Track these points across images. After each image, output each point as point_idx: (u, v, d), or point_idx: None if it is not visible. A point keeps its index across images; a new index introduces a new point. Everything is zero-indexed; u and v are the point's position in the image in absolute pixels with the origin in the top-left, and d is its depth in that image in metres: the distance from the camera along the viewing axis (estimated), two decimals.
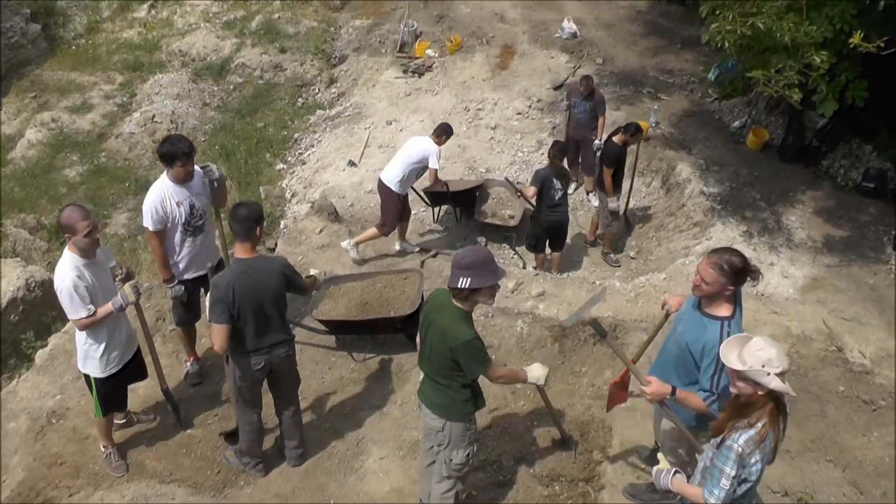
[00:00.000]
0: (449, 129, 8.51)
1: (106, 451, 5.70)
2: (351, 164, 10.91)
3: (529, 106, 12.30)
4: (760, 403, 3.48)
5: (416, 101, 12.47)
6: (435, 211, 9.77)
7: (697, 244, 9.00)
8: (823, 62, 7.08)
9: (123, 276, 5.25)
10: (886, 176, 10.15)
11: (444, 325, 4.29)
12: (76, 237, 4.87)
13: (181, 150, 5.70)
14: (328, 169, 10.96)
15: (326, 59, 14.92)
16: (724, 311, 4.16)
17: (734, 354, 3.52)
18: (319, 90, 14.15)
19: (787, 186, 10.22)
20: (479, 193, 9.64)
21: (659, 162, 10.92)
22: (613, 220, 9.43)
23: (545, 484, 5.63)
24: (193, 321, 6.43)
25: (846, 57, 7.94)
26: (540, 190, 8.36)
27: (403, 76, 13.25)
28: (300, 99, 13.96)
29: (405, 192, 8.49)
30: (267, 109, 13.58)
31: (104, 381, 5.33)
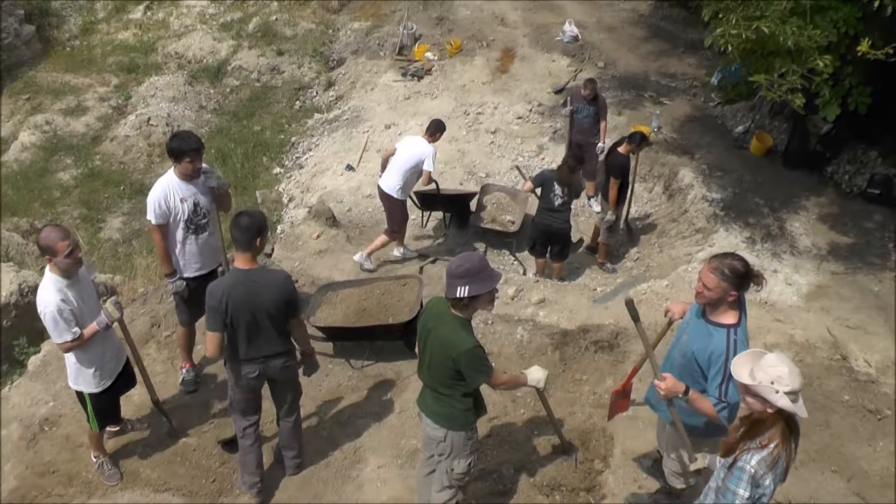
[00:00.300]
0: (442, 125, 8.51)
1: (98, 460, 5.69)
2: (349, 168, 10.93)
3: (530, 110, 12.32)
4: (771, 422, 3.46)
5: (415, 104, 12.49)
6: (424, 215, 9.77)
7: (700, 251, 9.01)
8: (827, 66, 7.10)
9: (106, 293, 5.16)
10: (892, 182, 10.15)
11: (444, 334, 4.29)
12: (57, 258, 4.75)
13: (190, 146, 5.71)
14: (326, 173, 10.98)
15: (324, 61, 14.96)
16: (729, 318, 4.16)
17: (746, 369, 3.51)
18: (317, 93, 14.19)
19: (790, 192, 10.24)
20: (481, 200, 9.66)
21: (661, 167, 10.93)
22: (612, 234, 9.45)
23: (546, 493, 5.62)
24: (195, 320, 6.42)
25: (850, 61, 7.96)
26: (541, 190, 8.39)
27: (402, 79, 13.28)
28: (298, 102, 14.00)
29: (407, 196, 8.51)
30: (264, 112, 13.61)
31: (98, 396, 5.30)
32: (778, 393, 3.38)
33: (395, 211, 8.41)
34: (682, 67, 13.69)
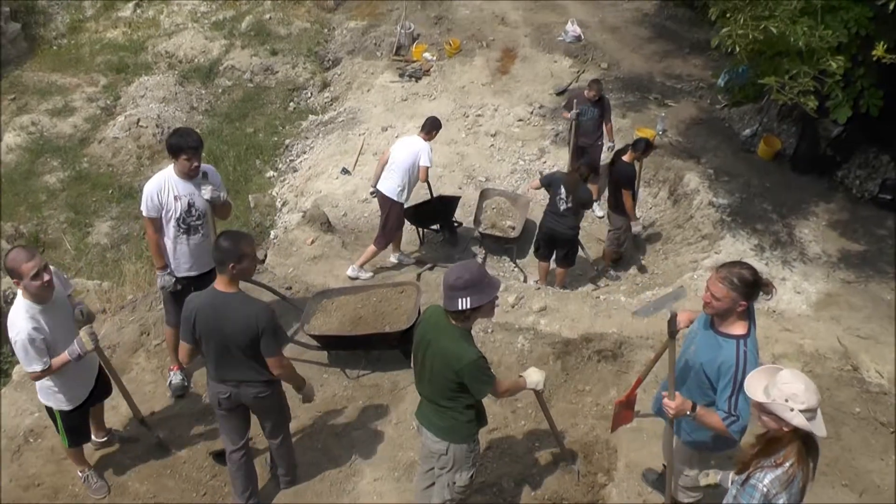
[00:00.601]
0: (437, 123, 8.53)
1: (83, 474, 5.66)
2: (344, 171, 10.93)
3: (531, 112, 12.34)
4: (787, 440, 3.45)
5: (412, 106, 12.50)
6: (420, 232, 9.76)
7: (706, 258, 9.02)
8: (839, 68, 7.11)
9: (82, 319, 4.99)
10: None
11: (445, 346, 4.27)
12: (24, 281, 4.64)
13: (188, 143, 5.70)
14: (321, 177, 10.98)
15: (319, 61, 14.98)
16: (739, 329, 4.15)
17: (760, 386, 3.50)
18: (312, 94, 14.20)
19: (799, 198, 10.25)
20: (480, 205, 9.68)
21: (666, 171, 10.95)
22: (620, 245, 9.47)
23: None
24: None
25: (862, 62, 7.98)
26: (550, 192, 8.46)
27: (400, 80, 13.30)
28: (292, 103, 14.01)
29: (408, 199, 8.51)
30: (257, 114, 13.62)
31: (70, 413, 5.24)
32: (793, 411, 3.37)
33: (391, 216, 8.40)
34: (687, 68, 13.73)
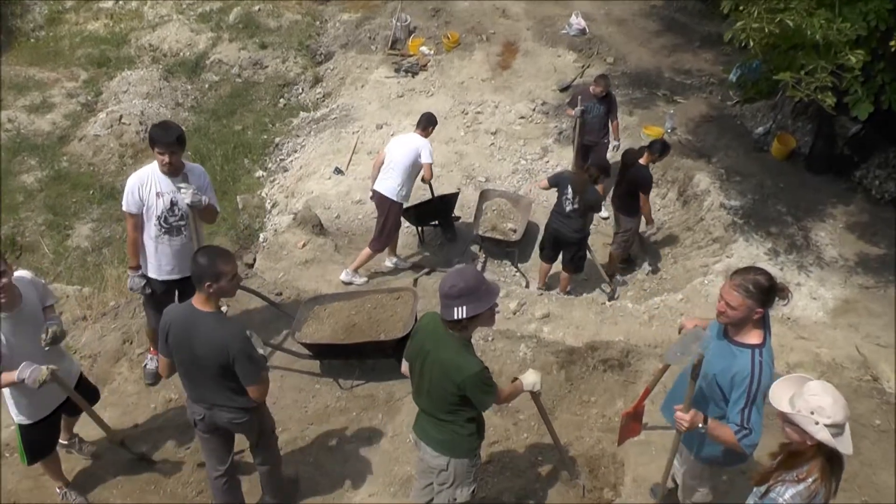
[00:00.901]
0: (433, 118, 8.57)
1: (61, 491, 5.64)
2: (337, 171, 10.93)
3: (534, 109, 12.36)
4: (809, 454, 3.45)
5: (409, 103, 12.51)
6: (420, 231, 9.78)
7: (717, 262, 9.02)
8: (858, 62, 7.11)
9: (47, 339, 4.83)
10: None
11: (445, 358, 4.25)
12: None
13: (162, 138, 5.68)
14: (312, 177, 10.98)
15: (311, 56, 14.97)
16: (754, 337, 4.14)
17: (786, 396, 3.49)
18: (303, 90, 14.20)
19: (815, 199, 10.26)
20: (480, 207, 9.70)
21: (675, 172, 10.95)
22: (626, 248, 9.47)
23: None
24: None
25: (882, 56, 7.98)
26: (557, 191, 8.45)
27: (395, 76, 13.31)
28: (282, 99, 14.00)
29: (407, 199, 8.51)
30: (245, 111, 13.61)
31: (29, 428, 5.13)
32: (818, 425, 3.36)
33: (390, 217, 8.40)
34: (697, 63, 13.74)
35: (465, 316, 4.08)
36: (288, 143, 12.45)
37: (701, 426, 4.15)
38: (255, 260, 8.82)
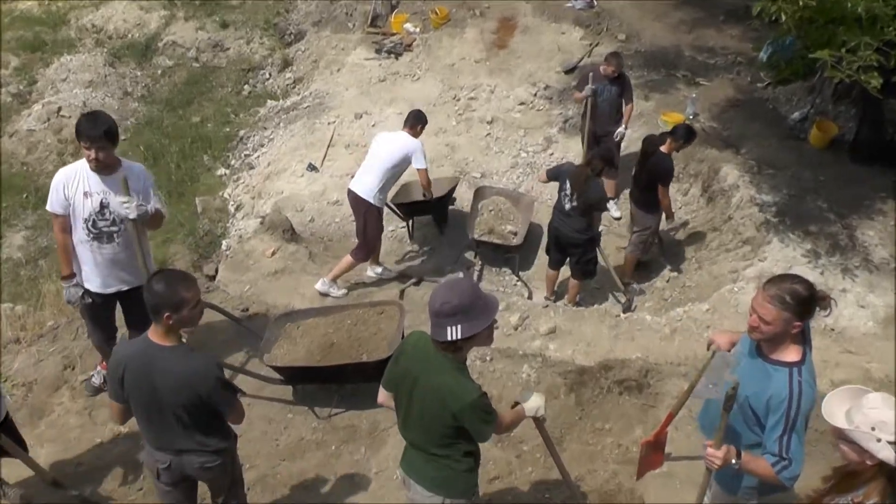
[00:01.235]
0: (422, 116, 8.61)
1: None
2: (311, 168, 10.93)
3: (535, 94, 12.38)
4: (868, 475, 3.42)
5: (392, 88, 12.53)
6: (410, 225, 9.78)
7: (749, 266, 9.02)
8: None
9: None
10: None
11: (439, 384, 4.18)
12: None
13: (88, 130, 5.61)
14: (282, 175, 10.97)
15: (279, 35, 14.98)
16: (792, 354, 4.10)
17: (842, 410, 3.47)
18: (271, 75, 14.22)
19: (860, 193, 10.26)
20: (476, 207, 9.72)
21: (698, 164, 10.97)
22: (644, 249, 9.46)
23: None
24: (111, 340, 6.38)
25: None
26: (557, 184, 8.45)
27: (376, 57, 13.32)
28: (246, 86, 14.02)
29: (384, 203, 8.50)
30: (204, 100, 13.61)
31: None
32: (880, 442, 3.33)
33: (369, 221, 8.38)
34: (722, 40, 13.77)
35: (459, 336, 4.00)
36: (254, 136, 12.45)
37: (734, 461, 4.12)
38: (216, 271, 8.81)
